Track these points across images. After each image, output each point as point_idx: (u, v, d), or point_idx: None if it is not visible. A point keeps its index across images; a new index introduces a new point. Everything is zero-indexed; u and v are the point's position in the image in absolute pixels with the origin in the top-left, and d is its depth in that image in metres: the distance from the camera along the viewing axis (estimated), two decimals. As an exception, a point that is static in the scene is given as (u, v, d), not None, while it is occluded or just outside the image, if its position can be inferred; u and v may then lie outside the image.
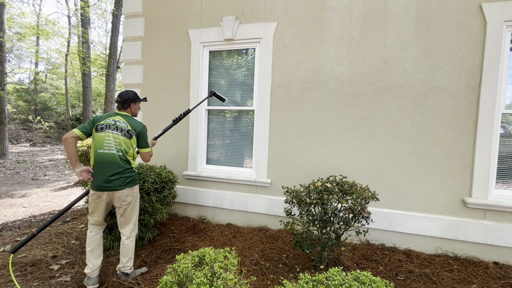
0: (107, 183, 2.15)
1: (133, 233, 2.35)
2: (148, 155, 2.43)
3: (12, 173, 7.93)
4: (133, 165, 2.31)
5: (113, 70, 11.00)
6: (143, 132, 2.34)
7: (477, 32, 2.77)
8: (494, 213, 2.75)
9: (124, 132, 2.22)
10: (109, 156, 2.16)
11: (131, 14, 4.11)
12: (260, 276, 2.37)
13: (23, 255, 2.76)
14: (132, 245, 2.33)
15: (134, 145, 2.30)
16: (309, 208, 2.33)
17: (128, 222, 2.32)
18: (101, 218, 2.28)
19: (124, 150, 2.22)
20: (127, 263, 2.30)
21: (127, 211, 2.28)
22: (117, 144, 2.19)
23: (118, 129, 2.21)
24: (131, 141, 2.26)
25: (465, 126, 2.82)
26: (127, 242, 2.31)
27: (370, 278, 1.32)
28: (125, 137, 2.22)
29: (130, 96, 2.37)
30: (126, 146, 2.23)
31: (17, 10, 15.12)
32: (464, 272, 2.51)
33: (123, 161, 2.21)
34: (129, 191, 2.24)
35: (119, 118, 2.27)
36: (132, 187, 2.28)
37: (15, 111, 16.68)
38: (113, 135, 2.19)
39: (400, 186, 3.02)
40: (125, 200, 2.23)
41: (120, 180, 2.19)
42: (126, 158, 2.24)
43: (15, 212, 4.34)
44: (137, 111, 2.49)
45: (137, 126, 2.31)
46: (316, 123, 3.29)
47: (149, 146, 2.41)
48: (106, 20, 21.18)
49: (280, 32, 3.41)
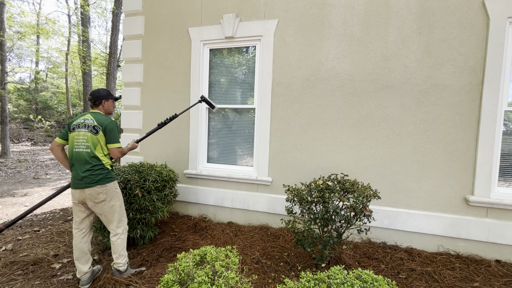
0: (78, 181, 2.17)
1: (119, 230, 2.32)
2: (117, 151, 2.28)
3: (13, 172, 7.95)
4: (103, 161, 2.24)
5: (114, 68, 10.98)
6: (111, 127, 2.25)
7: (480, 28, 2.74)
8: (497, 211, 2.73)
9: (90, 128, 2.20)
10: (79, 154, 2.18)
11: (131, 12, 4.09)
12: (261, 275, 2.37)
13: (25, 254, 2.77)
14: (119, 242, 2.31)
15: (102, 141, 2.23)
16: (310, 207, 2.32)
17: (111, 220, 2.29)
18: (78, 219, 2.28)
19: (91, 146, 2.19)
20: (117, 260, 2.31)
21: (104, 209, 2.24)
22: (85, 141, 2.18)
23: (86, 126, 2.20)
24: (98, 137, 2.20)
25: (467, 123, 2.80)
26: (114, 239, 2.31)
27: (372, 276, 1.31)
28: (92, 133, 2.19)
29: (102, 94, 2.35)
30: (93, 142, 2.19)
31: (17, 9, 15.11)
32: (466, 270, 2.50)
33: (90, 157, 2.19)
34: (100, 188, 2.19)
35: (88, 116, 2.25)
36: (104, 185, 2.21)
37: (16, 110, 16.71)
38: (82, 133, 2.19)
39: (402, 184, 3.01)
40: (97, 198, 2.18)
41: (89, 177, 2.16)
42: (94, 154, 2.19)
43: (16, 211, 4.35)
44: (111, 109, 2.45)
45: (104, 121, 2.25)
46: (317, 121, 3.27)
47: (118, 142, 2.29)
48: (106, 19, 21.14)
49: (280, 29, 3.38)
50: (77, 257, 2.25)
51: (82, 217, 2.29)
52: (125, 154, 2.39)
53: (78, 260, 2.24)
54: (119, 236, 2.32)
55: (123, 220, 2.38)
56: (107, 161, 2.28)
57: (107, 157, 2.29)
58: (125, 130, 4.19)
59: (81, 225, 2.29)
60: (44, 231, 3.44)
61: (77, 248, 2.25)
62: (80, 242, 2.26)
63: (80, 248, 2.25)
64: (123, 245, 2.35)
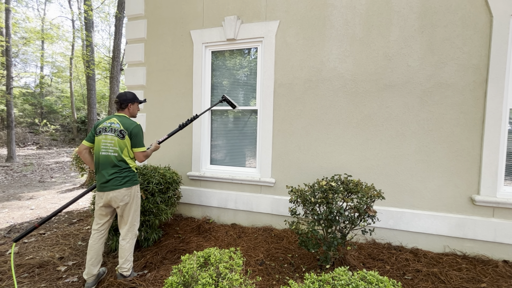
0: (105, 184, 2.22)
1: (129, 234, 2.35)
2: (142, 155, 2.34)
3: (19, 175, 8.05)
4: (130, 164, 2.31)
5: (117, 72, 11.08)
6: (136, 131, 2.31)
7: (483, 26, 2.72)
8: (503, 210, 2.69)
9: (117, 132, 2.25)
10: (106, 157, 2.23)
11: (134, 16, 4.13)
12: (265, 276, 2.36)
13: (31, 257, 2.79)
14: (128, 246, 2.33)
15: (129, 145, 2.30)
16: (314, 208, 2.31)
17: (126, 222, 2.34)
18: (100, 221, 2.33)
19: (119, 150, 2.24)
20: (123, 265, 2.32)
21: (125, 211, 2.30)
22: (113, 145, 2.24)
23: (113, 130, 2.25)
24: (124, 141, 2.26)
25: (472, 122, 2.78)
26: (123, 243, 2.33)
27: (377, 277, 1.30)
28: (118, 138, 2.25)
29: (128, 97, 2.40)
30: (120, 146, 2.25)
31: (22, 15, 15.35)
32: (473, 271, 2.47)
33: (118, 161, 2.25)
34: (126, 190, 2.25)
35: (114, 119, 2.30)
36: (130, 187, 2.28)
37: (22, 115, 16.94)
38: (109, 137, 2.24)
39: (406, 184, 2.98)
40: (122, 200, 2.25)
41: (117, 180, 2.22)
42: (122, 158, 2.25)
43: (22, 214, 4.40)
44: (136, 112, 2.51)
45: (129, 125, 2.30)
46: (320, 122, 3.26)
47: (143, 146, 2.36)
48: (109, 23, 21.39)
49: (282, 31, 3.39)
50: (91, 258, 2.27)
51: (105, 220, 2.35)
52: (149, 157, 2.45)
53: (90, 261, 2.26)
54: (128, 241, 2.34)
55: (135, 224, 2.41)
56: (134, 164, 2.36)
57: (133, 160, 2.36)
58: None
59: (102, 227, 2.35)
60: (49, 234, 3.47)
61: (93, 248, 2.28)
62: (97, 243, 2.30)
63: (96, 249, 2.29)
64: (131, 250, 2.36)
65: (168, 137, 2.81)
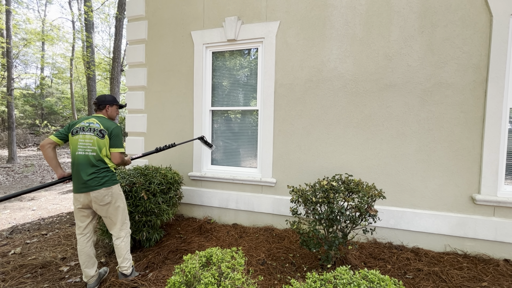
0: (83, 184, 2.16)
1: (122, 233, 2.34)
2: (119, 157, 2.28)
3: (20, 177, 8.07)
4: (109, 164, 2.27)
5: (117, 73, 11.10)
6: (116, 132, 2.28)
7: (483, 26, 2.73)
8: (504, 209, 2.70)
9: (96, 132, 2.21)
10: (84, 157, 2.18)
11: (134, 17, 4.14)
12: (267, 276, 2.37)
13: (33, 257, 2.80)
14: (123, 245, 2.33)
15: (107, 145, 2.25)
16: (315, 207, 2.32)
17: (115, 222, 2.31)
18: (82, 224, 2.28)
19: (97, 150, 2.20)
20: (122, 264, 2.33)
21: (110, 211, 2.26)
22: (91, 145, 2.19)
23: (91, 130, 2.21)
24: (104, 141, 2.22)
25: (472, 121, 2.78)
26: (117, 243, 2.32)
27: (379, 276, 1.31)
28: (98, 137, 2.21)
29: (107, 99, 2.38)
30: (99, 146, 2.21)
31: (22, 16, 15.39)
32: (474, 270, 2.47)
33: (97, 161, 2.20)
34: (106, 190, 2.21)
35: (93, 120, 2.27)
36: (110, 187, 2.24)
37: (22, 116, 16.98)
38: (88, 136, 2.20)
39: (407, 183, 2.99)
40: (102, 200, 2.20)
41: (95, 180, 2.18)
42: (100, 157, 2.21)
43: (24, 215, 4.41)
44: (115, 114, 2.47)
45: (110, 125, 2.28)
46: (321, 122, 3.27)
47: (122, 147, 2.31)
48: (109, 24, 21.39)
49: (282, 31, 3.40)
50: (84, 262, 2.26)
51: (86, 222, 2.29)
52: (122, 163, 2.37)
53: (84, 264, 2.26)
54: (123, 240, 2.34)
55: (126, 223, 2.40)
56: (112, 164, 2.30)
57: (111, 161, 2.31)
58: (129, 133, 4.23)
59: (85, 230, 2.30)
60: (51, 234, 3.48)
61: (83, 252, 2.27)
62: (85, 247, 2.28)
63: (86, 252, 2.27)
64: (127, 248, 2.36)
65: (142, 156, 2.81)
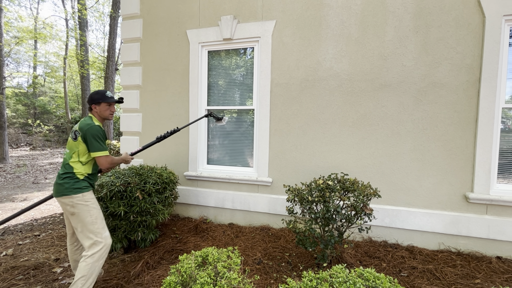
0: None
1: (90, 251, 1.93)
2: (104, 161, 2.01)
3: (12, 177, 7.93)
4: (75, 170, 2.00)
5: (112, 72, 10.99)
6: (90, 132, 1.97)
7: (476, 27, 2.76)
8: (496, 207, 2.74)
9: (72, 133, 2.04)
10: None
11: (129, 15, 4.10)
12: (263, 275, 2.37)
13: (26, 259, 2.76)
14: (82, 266, 1.89)
15: (81, 148, 2.01)
16: (311, 206, 2.32)
17: (81, 238, 1.98)
18: (70, 232, 2.19)
19: (68, 153, 2.04)
20: (76, 282, 1.87)
21: (75, 223, 1.99)
22: (67, 147, 2.07)
23: (72, 132, 2.07)
24: (76, 143, 2.00)
25: (465, 121, 2.82)
26: (81, 260, 1.94)
27: (374, 274, 1.32)
28: (71, 139, 2.04)
29: (93, 97, 2.12)
30: (71, 148, 2.03)
31: (14, 14, 15.10)
32: (467, 267, 2.51)
33: (64, 165, 2.03)
34: (66, 199, 1.95)
35: (80, 121, 2.12)
36: (70, 196, 1.95)
37: (14, 115, 16.69)
38: (69, 138, 2.08)
39: (402, 182, 3.02)
40: (66, 210, 1.99)
41: (56, 186, 1.99)
42: (67, 162, 2.01)
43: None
44: (106, 113, 2.16)
45: (84, 126, 2.00)
46: (316, 121, 3.28)
47: (102, 150, 2.01)
48: (103, 23, 21.19)
49: (278, 30, 3.40)
50: (74, 267, 2.23)
51: (72, 230, 2.18)
52: (116, 165, 2.14)
53: (74, 269, 2.23)
54: (86, 259, 1.91)
55: (98, 242, 1.97)
56: (80, 170, 2.02)
57: (84, 167, 2.05)
58: (124, 133, 4.19)
59: (72, 239, 2.20)
60: (44, 235, 3.43)
61: (72, 259, 2.23)
62: (74, 254, 2.22)
63: (75, 259, 2.23)
64: (86, 272, 1.87)
65: (142, 149, 2.67)
